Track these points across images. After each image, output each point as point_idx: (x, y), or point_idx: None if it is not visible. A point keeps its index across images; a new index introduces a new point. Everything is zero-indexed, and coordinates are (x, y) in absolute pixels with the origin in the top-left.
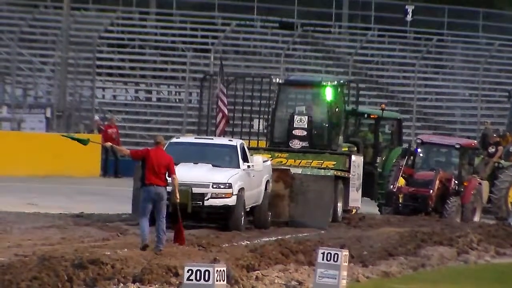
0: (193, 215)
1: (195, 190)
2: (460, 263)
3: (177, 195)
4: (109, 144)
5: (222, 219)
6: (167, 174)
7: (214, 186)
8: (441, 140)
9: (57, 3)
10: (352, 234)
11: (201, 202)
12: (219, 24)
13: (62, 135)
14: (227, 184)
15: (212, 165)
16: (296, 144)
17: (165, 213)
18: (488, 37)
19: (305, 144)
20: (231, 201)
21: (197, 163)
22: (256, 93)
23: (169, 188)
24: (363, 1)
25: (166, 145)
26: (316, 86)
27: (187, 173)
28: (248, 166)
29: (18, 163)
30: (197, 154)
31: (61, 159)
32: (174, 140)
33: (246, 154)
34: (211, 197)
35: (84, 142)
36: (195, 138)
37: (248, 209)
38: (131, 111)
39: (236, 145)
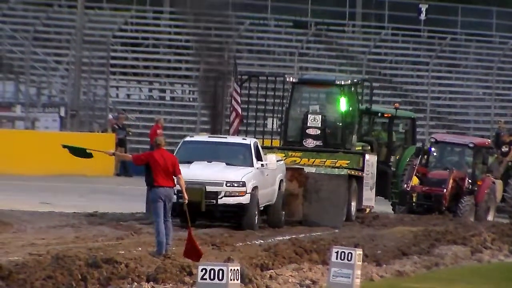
0: (207, 214)
1: (209, 188)
2: (474, 262)
3: (185, 195)
4: (111, 151)
5: (235, 217)
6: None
7: (228, 185)
8: (455, 139)
9: (71, 2)
10: (366, 233)
11: (214, 201)
12: (233, 23)
13: (63, 146)
14: (241, 183)
15: (226, 164)
16: (309, 143)
17: (170, 213)
18: (501, 36)
19: (319, 143)
20: (245, 199)
21: (210, 162)
22: (270, 92)
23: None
24: (376, 0)
25: (180, 144)
26: (330, 85)
27: (201, 171)
28: (262, 165)
29: (32, 162)
30: (211, 153)
31: (75, 158)
32: (187, 139)
33: (260, 153)
34: (225, 196)
35: (84, 154)
36: (209, 136)
37: (262, 208)
38: (145, 110)
39: (250, 144)
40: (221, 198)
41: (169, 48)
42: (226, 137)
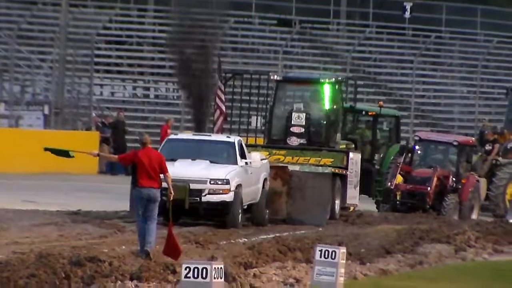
0: (191, 211)
1: (193, 186)
2: (458, 261)
3: (171, 191)
4: (95, 152)
5: (219, 215)
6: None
7: (212, 182)
8: (439, 137)
9: (55, 0)
10: (350, 232)
11: (198, 198)
12: (217, 20)
13: (45, 148)
14: (225, 180)
15: (210, 162)
16: (294, 141)
17: (157, 214)
18: (486, 34)
19: (303, 141)
20: (229, 197)
21: (194, 160)
22: (254, 90)
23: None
24: None
25: (164, 142)
26: (314, 83)
27: (185, 169)
28: (246, 163)
29: (16, 160)
30: (195, 151)
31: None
32: (172, 136)
33: (244, 151)
34: (209, 193)
35: (67, 155)
36: (193, 134)
37: (245, 207)
38: (129, 108)
39: (234, 142)
40: (205, 195)
41: (153, 46)
42: (210, 135)
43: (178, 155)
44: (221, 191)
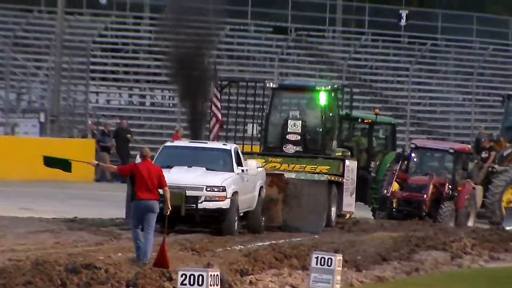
0: (187, 218)
1: (189, 193)
2: (454, 268)
3: (169, 206)
4: (95, 162)
5: (215, 222)
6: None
7: (208, 189)
8: (435, 145)
9: (51, 7)
10: (346, 239)
11: (194, 205)
12: (213, 28)
13: (44, 157)
14: (221, 187)
15: (206, 169)
16: (289, 148)
17: (154, 225)
18: (481, 42)
19: (299, 148)
20: (225, 204)
21: (191, 167)
22: (250, 98)
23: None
24: (357, 6)
25: (160, 149)
26: (310, 91)
27: (181, 176)
28: (242, 171)
29: (12, 167)
30: (191, 158)
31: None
32: (168, 144)
33: (240, 159)
34: (205, 200)
35: (66, 167)
36: (189, 142)
37: (241, 214)
38: (124, 115)
39: (230, 149)
40: (201, 202)
41: (149, 54)
42: (206, 143)
43: (174, 162)
44: (217, 198)
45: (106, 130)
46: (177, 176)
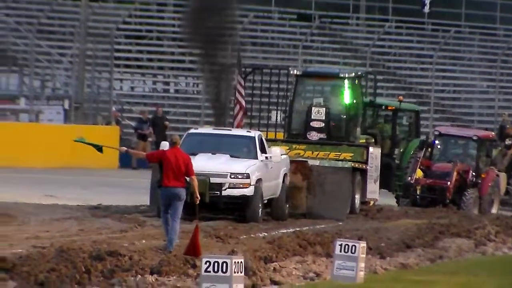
0: (211, 206)
1: (213, 180)
2: (478, 255)
3: (198, 195)
4: (124, 148)
5: (239, 209)
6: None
7: (232, 176)
8: (459, 132)
9: None
10: (370, 226)
11: (219, 192)
12: (237, 15)
13: (75, 140)
14: (245, 174)
15: (230, 156)
16: (313, 135)
17: (181, 213)
18: (505, 29)
19: (322, 135)
20: (249, 191)
21: (215, 154)
22: (274, 85)
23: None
24: None
25: (184, 136)
26: (334, 78)
27: (205, 163)
28: (266, 158)
29: (36, 154)
30: (215, 145)
31: (79, 151)
32: (192, 131)
33: (264, 146)
34: (229, 187)
35: (98, 148)
36: (213, 129)
37: (265, 201)
38: (149, 102)
39: (254, 136)
40: (225, 189)
41: (173, 41)
42: (230, 130)
43: (199, 149)
44: (241, 185)
45: (144, 117)
46: (201, 163)
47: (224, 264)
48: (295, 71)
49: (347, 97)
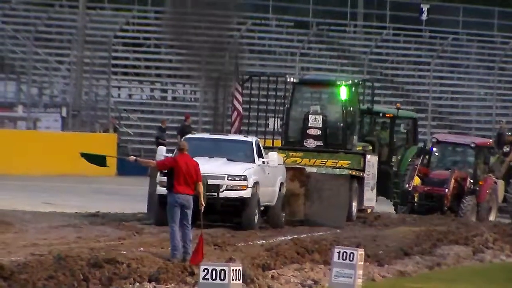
0: (208, 208)
1: (210, 181)
2: (476, 263)
3: (203, 202)
4: (133, 157)
5: (236, 212)
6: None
7: (230, 178)
8: (457, 139)
9: (73, 2)
10: (368, 233)
11: (216, 194)
12: (235, 23)
13: (81, 154)
14: (242, 177)
15: (227, 159)
16: (310, 143)
17: (190, 220)
18: (503, 36)
19: (319, 143)
20: (246, 193)
21: (212, 157)
22: (271, 92)
23: None
24: (378, 0)
25: (182, 140)
26: (331, 85)
27: (202, 165)
28: (263, 163)
29: (34, 162)
30: (213, 149)
31: (76, 158)
32: (189, 135)
33: (261, 152)
34: (226, 189)
35: (103, 163)
36: (211, 134)
37: (262, 208)
38: (146, 110)
39: (252, 141)
40: (222, 191)
41: (170, 48)
42: (227, 135)
43: (196, 153)
44: (238, 187)
45: (163, 126)
46: None
47: (222, 272)
48: (292, 78)
49: (344, 104)
